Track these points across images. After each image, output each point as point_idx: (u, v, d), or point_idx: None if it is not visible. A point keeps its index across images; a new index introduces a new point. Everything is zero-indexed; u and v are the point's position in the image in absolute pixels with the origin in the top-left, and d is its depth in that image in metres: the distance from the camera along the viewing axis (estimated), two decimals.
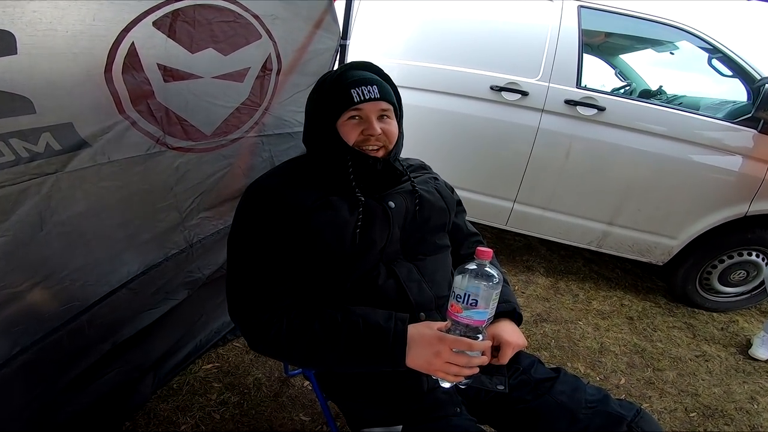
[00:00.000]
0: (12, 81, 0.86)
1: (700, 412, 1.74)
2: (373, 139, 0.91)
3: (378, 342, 0.79)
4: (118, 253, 1.19)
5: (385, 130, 0.92)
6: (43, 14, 0.87)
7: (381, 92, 0.91)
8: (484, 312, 0.75)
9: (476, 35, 2.39)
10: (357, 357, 0.80)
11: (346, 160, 0.90)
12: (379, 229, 0.90)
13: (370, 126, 0.90)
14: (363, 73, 0.93)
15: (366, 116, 0.90)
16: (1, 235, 0.91)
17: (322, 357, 0.82)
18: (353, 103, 0.89)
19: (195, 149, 1.30)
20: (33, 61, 0.88)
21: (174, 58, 1.15)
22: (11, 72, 0.85)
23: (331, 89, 0.91)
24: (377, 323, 0.80)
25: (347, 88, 0.89)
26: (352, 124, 0.91)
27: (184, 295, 1.42)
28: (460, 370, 0.76)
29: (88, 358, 1.19)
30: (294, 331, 0.82)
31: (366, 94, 0.89)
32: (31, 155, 0.92)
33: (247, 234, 0.89)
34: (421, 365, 0.78)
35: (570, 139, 2.29)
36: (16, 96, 0.87)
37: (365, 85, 0.90)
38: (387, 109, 0.93)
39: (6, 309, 0.97)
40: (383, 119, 0.93)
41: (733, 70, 2.23)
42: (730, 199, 2.21)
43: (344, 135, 0.91)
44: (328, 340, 0.80)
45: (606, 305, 2.48)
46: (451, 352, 0.76)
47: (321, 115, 0.92)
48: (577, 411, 0.90)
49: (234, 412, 1.44)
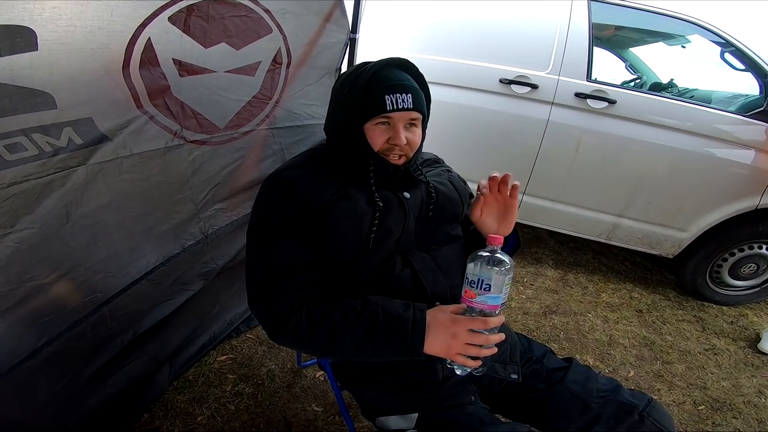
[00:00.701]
0: (33, 77, 0.88)
1: (708, 405, 1.74)
2: (398, 149, 0.91)
3: (397, 331, 0.79)
4: (138, 245, 1.22)
5: (410, 140, 0.91)
6: (62, 10, 0.88)
7: (414, 101, 0.89)
8: (498, 297, 0.76)
9: (486, 28, 2.38)
10: (376, 346, 0.81)
11: (368, 164, 0.90)
12: (396, 219, 0.91)
13: (397, 136, 0.89)
14: (400, 76, 0.91)
15: (394, 124, 0.89)
16: (27, 227, 0.94)
17: (341, 347, 0.82)
18: (385, 111, 0.87)
19: (209, 142, 1.32)
20: (53, 57, 0.89)
21: (188, 52, 1.16)
22: (32, 68, 0.87)
23: (365, 89, 0.88)
24: (396, 312, 0.81)
25: (382, 93, 0.87)
26: (380, 129, 0.90)
27: (199, 286, 1.45)
28: (479, 351, 0.77)
29: (110, 350, 1.22)
30: (314, 322, 0.82)
31: (399, 104, 0.87)
32: (54, 149, 0.95)
33: (266, 225, 0.89)
34: (440, 350, 0.78)
35: (580, 132, 2.28)
36: (37, 92, 0.89)
37: (401, 92, 0.87)
38: (416, 118, 0.92)
39: (32, 301, 1.00)
40: (410, 128, 0.92)
41: (745, 64, 2.21)
42: (741, 192, 2.20)
43: (371, 139, 0.90)
44: (348, 330, 0.81)
45: (615, 298, 2.48)
46: (468, 332, 0.76)
47: (350, 113, 0.90)
48: (589, 400, 0.92)
49: (248, 402, 1.47)
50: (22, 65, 0.85)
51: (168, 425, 1.35)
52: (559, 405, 0.93)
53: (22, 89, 0.86)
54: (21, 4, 0.82)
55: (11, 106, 0.85)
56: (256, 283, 0.89)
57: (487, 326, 0.77)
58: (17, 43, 0.83)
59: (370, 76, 0.88)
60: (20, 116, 0.87)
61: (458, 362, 0.79)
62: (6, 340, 0.98)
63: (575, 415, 0.91)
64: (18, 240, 0.93)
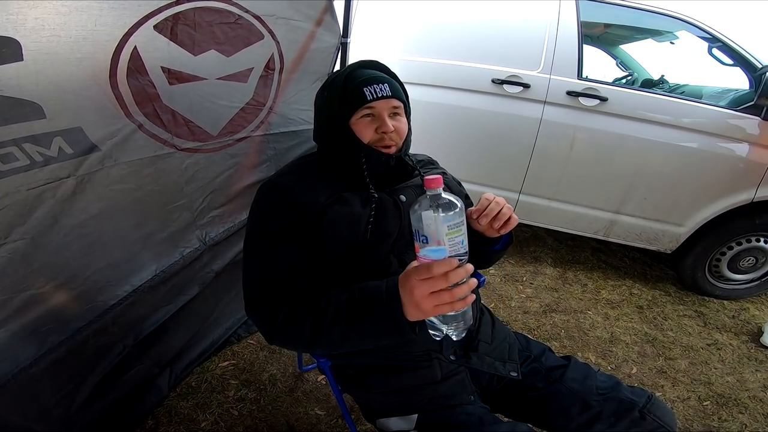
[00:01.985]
0: (21, 87, 0.88)
1: (713, 400, 1.74)
2: (387, 137, 0.92)
3: (374, 301, 0.75)
4: (135, 254, 1.23)
5: (397, 128, 0.93)
6: (45, 21, 0.89)
7: (392, 90, 0.92)
8: (441, 250, 0.65)
9: (476, 29, 2.40)
10: (359, 324, 0.77)
11: (360, 157, 0.91)
12: (391, 221, 0.91)
13: (384, 123, 0.91)
14: (373, 72, 0.95)
15: (379, 114, 0.91)
16: (20, 238, 0.95)
17: (328, 332, 0.79)
18: (366, 101, 0.90)
19: (202, 150, 1.33)
20: (39, 67, 0.90)
21: (177, 60, 1.17)
22: (19, 78, 0.88)
23: (343, 88, 0.92)
24: (371, 288, 0.77)
25: (360, 86, 0.90)
26: (366, 122, 0.92)
27: (196, 291, 1.46)
28: (450, 294, 0.65)
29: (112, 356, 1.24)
30: (300, 313, 0.81)
31: (378, 92, 0.90)
32: (45, 159, 0.95)
33: (263, 232, 0.90)
34: (414, 310, 0.70)
35: (573, 129, 2.29)
36: (26, 102, 0.90)
37: (377, 83, 0.91)
38: (398, 106, 0.94)
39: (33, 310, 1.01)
40: (394, 117, 0.94)
41: (733, 59, 2.22)
42: (736, 186, 2.20)
43: (359, 133, 0.92)
44: (331, 314, 0.78)
45: (615, 294, 2.48)
46: (423, 282, 0.66)
47: (334, 113, 0.93)
48: (589, 398, 0.92)
49: (251, 407, 1.47)
50: (9, 75, 0.86)
51: (172, 431, 1.35)
52: (560, 403, 0.94)
53: (10, 99, 0.87)
54: (4, 16, 0.83)
55: (0, 116, 0.86)
56: (253, 289, 0.89)
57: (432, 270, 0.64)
58: (3, 54, 0.84)
59: (345, 77, 0.93)
60: (10, 126, 0.88)
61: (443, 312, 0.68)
62: (7, 349, 0.99)
63: (576, 413, 0.91)
64: (11, 251, 0.94)
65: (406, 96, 0.98)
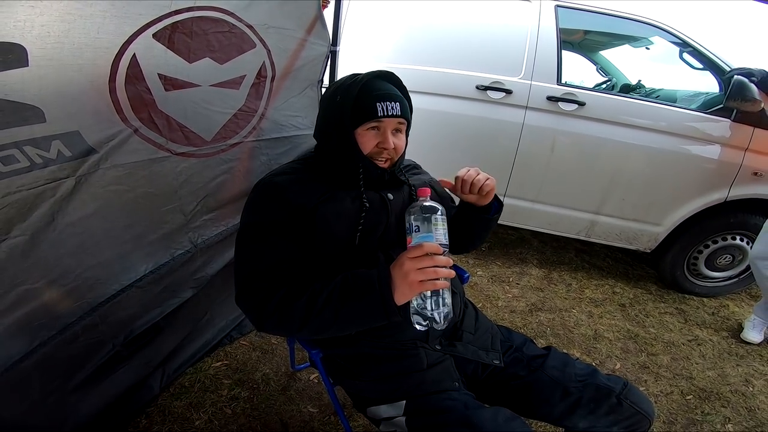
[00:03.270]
0: (24, 92, 0.92)
1: (696, 395, 1.78)
2: (386, 152, 0.98)
3: (366, 284, 0.81)
4: (127, 254, 1.25)
5: (396, 145, 0.99)
6: (50, 28, 0.93)
7: (401, 109, 0.97)
8: (429, 235, 0.79)
9: (460, 37, 2.48)
10: (351, 305, 0.82)
11: (357, 167, 0.97)
12: (379, 217, 0.97)
13: (386, 140, 0.96)
14: (388, 87, 0.99)
15: (384, 130, 0.97)
16: (21, 234, 0.98)
17: (320, 313, 0.83)
18: (377, 117, 0.94)
19: (196, 154, 1.36)
20: (43, 72, 0.94)
21: (173, 68, 1.21)
22: (23, 83, 0.91)
23: (358, 97, 0.95)
24: (363, 272, 0.84)
25: (374, 100, 0.94)
26: (371, 134, 0.97)
27: (189, 294, 1.47)
28: (435, 272, 0.75)
29: (101, 354, 1.25)
30: (293, 294, 0.85)
31: (389, 110, 0.95)
32: (45, 161, 0.98)
33: (257, 226, 0.94)
34: (405, 290, 0.78)
35: (554, 133, 2.37)
36: (28, 106, 0.93)
37: (390, 100, 0.95)
38: (402, 124, 1.00)
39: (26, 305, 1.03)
40: (396, 134, 1.00)
41: (703, 63, 2.33)
42: (709, 186, 2.29)
43: (362, 143, 0.97)
44: (325, 295, 0.83)
45: (598, 293, 2.54)
46: (413, 260, 0.76)
47: (342, 119, 0.96)
48: (568, 385, 0.97)
49: (245, 406, 1.49)
50: (15, 80, 0.89)
51: (166, 430, 1.36)
52: (541, 390, 0.98)
53: (14, 104, 0.90)
54: (12, 23, 0.86)
55: (4, 119, 0.89)
56: (244, 279, 0.93)
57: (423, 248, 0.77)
58: (9, 60, 0.87)
59: (362, 86, 0.96)
60: (12, 129, 0.91)
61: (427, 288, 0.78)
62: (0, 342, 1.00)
63: (557, 400, 0.96)
64: (11, 246, 0.97)
65: (411, 111, 1.04)
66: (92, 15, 0.99)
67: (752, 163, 2.21)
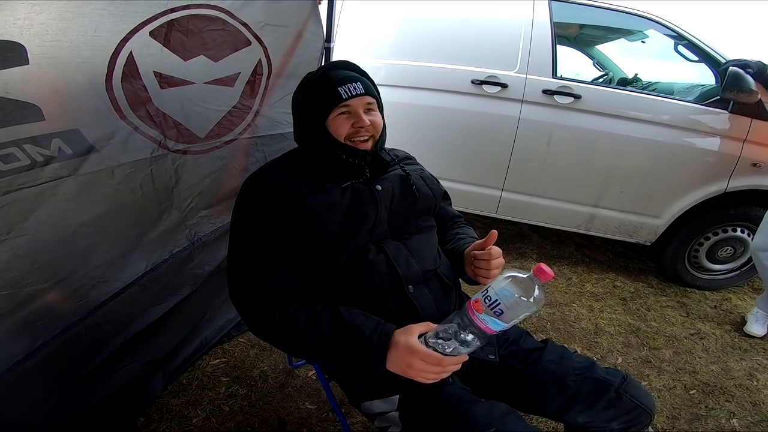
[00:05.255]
0: (24, 90, 0.93)
1: (699, 389, 1.76)
2: (363, 130, 0.98)
3: (362, 351, 0.83)
4: (128, 252, 1.26)
5: (373, 122, 0.99)
6: (49, 26, 0.94)
7: (365, 87, 0.98)
8: (503, 325, 0.72)
9: (455, 32, 2.49)
10: (342, 360, 0.86)
11: (338, 155, 0.97)
12: (368, 209, 0.96)
13: (360, 119, 0.96)
14: (345, 72, 1.00)
15: (355, 111, 0.97)
16: (22, 234, 0.98)
17: (310, 354, 0.89)
18: (342, 100, 0.95)
19: (190, 151, 1.37)
20: (42, 71, 0.95)
21: (169, 65, 1.22)
22: (23, 82, 0.92)
23: (317, 89, 0.97)
24: (363, 335, 0.84)
25: (334, 86, 0.96)
26: (342, 119, 0.97)
27: (187, 291, 1.48)
28: (435, 377, 0.79)
29: (104, 353, 1.26)
30: (288, 328, 0.87)
31: (352, 91, 0.96)
32: (46, 159, 1.00)
33: (247, 222, 0.95)
34: (399, 372, 0.81)
35: (550, 127, 2.38)
36: (27, 104, 0.94)
37: (351, 82, 0.96)
38: (372, 102, 1.00)
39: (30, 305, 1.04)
40: (369, 112, 1.00)
41: (698, 56, 2.33)
42: (708, 178, 2.29)
43: (335, 130, 0.97)
44: (319, 341, 0.85)
45: (599, 287, 2.54)
46: (423, 363, 0.78)
47: (310, 114, 0.98)
48: (566, 378, 0.95)
49: (243, 403, 1.50)
50: (15, 78, 0.90)
51: (164, 428, 1.37)
52: (538, 384, 0.97)
53: (14, 102, 0.91)
54: (11, 21, 0.87)
55: (3, 117, 0.90)
56: (236, 276, 0.94)
57: (442, 364, 0.76)
58: (9, 58, 0.88)
59: (318, 79, 0.98)
60: (12, 128, 0.92)
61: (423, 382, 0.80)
62: (3, 342, 1.01)
63: (555, 394, 0.95)
64: (14, 246, 0.97)
65: (377, 92, 1.04)
66: (89, 13, 1.00)
67: (751, 154, 2.21)
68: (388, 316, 0.90)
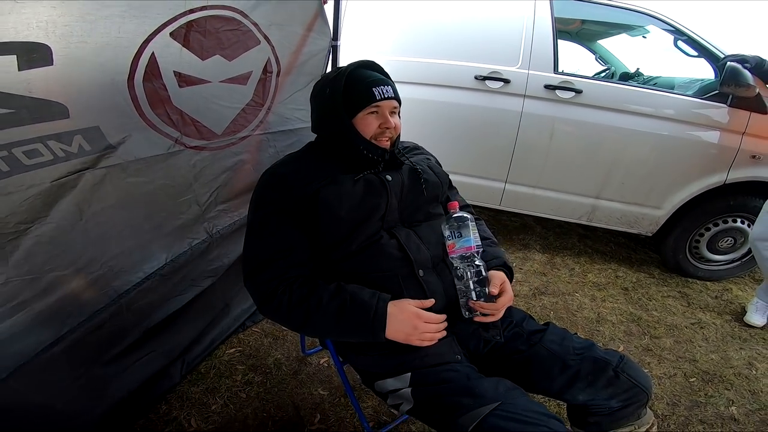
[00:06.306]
0: (49, 89, 0.98)
1: (699, 377, 1.78)
2: (388, 131, 1.05)
3: (361, 317, 0.93)
4: (147, 243, 1.31)
5: (396, 125, 1.07)
6: (73, 28, 0.99)
7: (394, 92, 1.06)
8: (469, 239, 0.97)
9: (458, 29, 2.53)
10: (343, 329, 0.95)
11: (359, 151, 1.04)
12: (379, 198, 1.03)
13: (387, 120, 1.04)
14: (377, 74, 1.07)
15: (383, 112, 1.04)
16: (48, 222, 1.05)
17: (314, 327, 0.97)
18: (375, 100, 1.02)
19: (208, 147, 1.42)
20: (67, 70, 1.00)
21: (187, 65, 1.27)
22: (48, 81, 0.98)
23: (350, 86, 1.03)
24: (362, 300, 0.94)
25: (369, 87, 1.02)
26: (371, 118, 1.04)
27: (208, 283, 1.54)
28: (432, 336, 0.95)
29: (126, 341, 1.31)
30: (293, 304, 0.95)
31: (385, 93, 1.03)
32: (67, 155, 1.05)
33: (262, 213, 1.02)
34: (399, 337, 0.94)
35: (552, 120, 2.42)
36: (53, 102, 1.00)
37: (384, 84, 1.04)
38: (396, 106, 1.08)
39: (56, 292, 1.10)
40: (393, 115, 1.07)
41: (698, 51, 2.36)
42: (708, 169, 2.32)
43: (363, 127, 1.04)
44: (320, 314, 0.94)
45: (601, 277, 2.57)
46: (426, 325, 0.94)
47: (336, 109, 1.03)
48: (566, 358, 1.00)
49: (258, 390, 1.55)
50: (40, 78, 0.95)
51: (185, 415, 1.42)
52: (541, 364, 1.02)
53: (39, 100, 0.96)
54: (35, 23, 0.92)
55: (29, 115, 0.95)
56: (249, 262, 1.01)
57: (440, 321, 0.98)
58: (34, 58, 0.94)
59: (349, 76, 1.04)
60: (37, 125, 0.97)
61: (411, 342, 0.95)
62: (32, 328, 1.07)
63: (557, 373, 0.99)
64: (38, 234, 1.03)
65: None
66: (111, 15, 1.05)
67: (750, 146, 2.24)
68: (400, 297, 0.97)
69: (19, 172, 0.95)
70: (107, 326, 1.23)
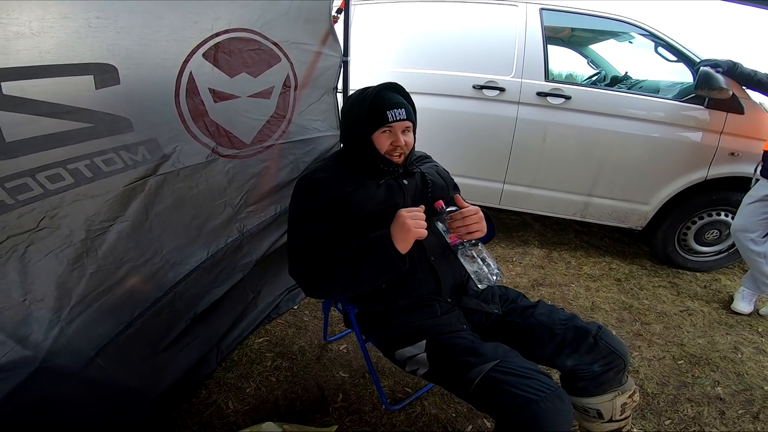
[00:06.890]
0: (117, 106, 1.16)
1: (687, 360, 1.88)
2: (399, 149, 1.23)
3: (372, 243, 1.09)
4: (193, 240, 1.48)
5: (407, 142, 1.24)
6: (132, 51, 1.16)
7: (407, 113, 1.22)
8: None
9: (456, 42, 2.72)
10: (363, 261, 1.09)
11: (377, 163, 1.22)
12: (398, 198, 1.23)
13: (398, 139, 1.21)
14: (395, 97, 1.23)
15: (395, 132, 1.21)
16: (125, 220, 1.22)
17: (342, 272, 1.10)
18: (387, 122, 1.19)
19: (239, 156, 1.59)
20: (130, 89, 1.17)
21: (218, 82, 1.45)
22: (116, 98, 1.15)
23: (371, 108, 1.19)
24: (369, 237, 1.11)
25: (384, 109, 1.19)
26: (385, 136, 1.21)
27: (239, 277, 1.70)
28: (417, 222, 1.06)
29: (177, 328, 1.47)
30: (324, 263, 1.12)
31: (397, 116, 1.19)
32: (134, 163, 1.22)
33: (301, 213, 1.20)
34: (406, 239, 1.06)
35: (545, 125, 2.60)
36: (121, 117, 1.17)
37: (397, 108, 1.19)
38: (409, 126, 1.25)
39: (129, 281, 1.26)
40: (405, 133, 1.25)
41: (676, 56, 2.53)
42: (690, 167, 2.48)
43: (379, 143, 1.22)
44: (343, 259, 1.10)
45: (596, 270, 2.71)
46: (409, 213, 1.07)
47: (360, 127, 1.21)
48: (554, 327, 1.18)
49: (286, 374, 1.70)
50: (110, 96, 1.12)
51: (223, 398, 1.57)
52: (534, 333, 1.19)
53: (111, 116, 1.14)
54: (105, 46, 1.09)
55: (105, 129, 1.13)
56: (292, 252, 1.20)
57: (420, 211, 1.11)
58: (106, 78, 1.11)
59: (372, 98, 1.21)
60: (111, 137, 1.15)
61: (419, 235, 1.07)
62: (112, 312, 1.23)
63: (546, 341, 1.17)
64: (118, 230, 1.20)
65: (414, 113, 1.28)
66: (159, 39, 1.22)
67: (728, 144, 2.39)
68: (415, 275, 1.16)
69: (100, 178, 1.13)
70: (165, 313, 1.39)
